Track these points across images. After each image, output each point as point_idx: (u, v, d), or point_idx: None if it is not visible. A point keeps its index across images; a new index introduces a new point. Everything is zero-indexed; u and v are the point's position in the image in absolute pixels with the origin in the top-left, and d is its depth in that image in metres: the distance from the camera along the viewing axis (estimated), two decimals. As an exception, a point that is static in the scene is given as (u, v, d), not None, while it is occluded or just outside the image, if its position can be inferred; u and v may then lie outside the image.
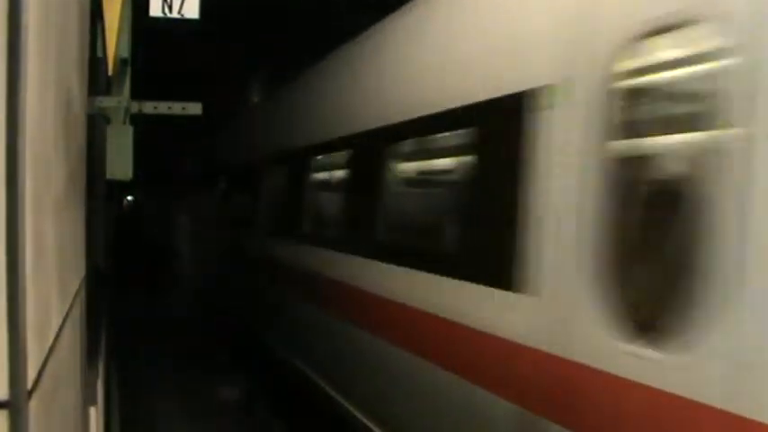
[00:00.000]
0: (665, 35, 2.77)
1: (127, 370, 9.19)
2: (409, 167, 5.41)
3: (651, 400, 2.63)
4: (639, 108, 2.98)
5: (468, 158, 4.27)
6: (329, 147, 6.84)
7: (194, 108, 6.65)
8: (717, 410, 2.34)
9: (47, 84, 1.91)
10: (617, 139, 2.97)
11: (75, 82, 3.09)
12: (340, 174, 6.57)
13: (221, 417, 8.14)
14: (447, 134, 4.67)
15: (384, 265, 5.25)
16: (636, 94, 2.99)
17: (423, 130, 4.89)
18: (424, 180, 5.36)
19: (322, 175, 7.37)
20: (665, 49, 2.82)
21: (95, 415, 4.10)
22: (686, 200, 2.61)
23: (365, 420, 5.47)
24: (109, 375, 7.04)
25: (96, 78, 5.86)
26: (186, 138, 19.46)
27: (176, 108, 6.63)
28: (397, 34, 5.76)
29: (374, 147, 5.60)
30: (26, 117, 1.44)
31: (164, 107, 6.62)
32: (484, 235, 3.99)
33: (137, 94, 6.68)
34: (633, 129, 2.95)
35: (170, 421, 7.90)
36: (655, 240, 2.83)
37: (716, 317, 2.40)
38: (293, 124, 8.40)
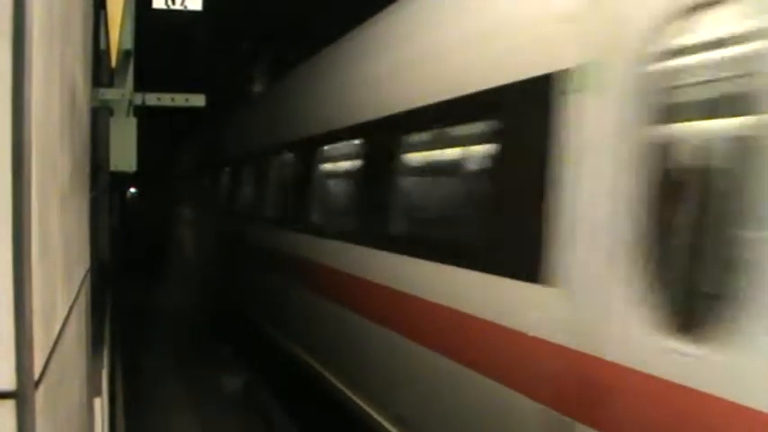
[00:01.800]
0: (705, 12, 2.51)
1: (131, 358, 9.23)
2: None
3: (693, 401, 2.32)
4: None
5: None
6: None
7: (197, 99, 6.65)
8: (758, 413, 2.07)
9: (51, 76, 1.92)
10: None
11: (79, 74, 3.09)
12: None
13: (224, 403, 8.21)
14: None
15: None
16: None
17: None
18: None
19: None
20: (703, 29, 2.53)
21: (100, 406, 4.12)
22: (729, 188, 2.36)
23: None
24: (113, 365, 7.06)
25: (99, 70, 5.87)
26: (185, 129, 19.42)
27: (179, 99, 6.63)
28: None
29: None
30: (31, 109, 1.45)
31: (167, 99, 6.62)
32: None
33: (139, 86, 6.69)
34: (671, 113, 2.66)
35: (174, 409, 7.93)
36: (695, 231, 2.55)
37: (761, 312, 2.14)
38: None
